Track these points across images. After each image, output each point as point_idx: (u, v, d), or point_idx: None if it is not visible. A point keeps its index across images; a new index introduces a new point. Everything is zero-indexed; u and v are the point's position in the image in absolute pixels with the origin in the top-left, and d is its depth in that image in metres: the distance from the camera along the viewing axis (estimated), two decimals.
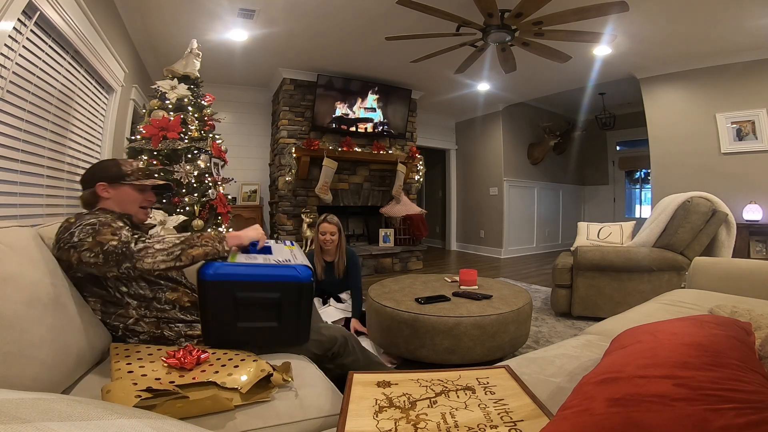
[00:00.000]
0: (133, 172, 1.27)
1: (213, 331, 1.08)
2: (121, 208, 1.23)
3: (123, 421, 0.38)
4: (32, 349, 0.78)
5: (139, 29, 3.42)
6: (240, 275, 1.06)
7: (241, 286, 1.06)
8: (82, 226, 1.03)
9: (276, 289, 1.09)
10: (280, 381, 0.92)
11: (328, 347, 1.30)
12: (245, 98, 5.24)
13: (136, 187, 1.25)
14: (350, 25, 3.46)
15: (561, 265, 2.97)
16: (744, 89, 3.84)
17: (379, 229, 5.23)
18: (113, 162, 1.28)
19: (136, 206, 1.27)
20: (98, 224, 1.03)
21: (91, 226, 1.03)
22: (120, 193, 1.23)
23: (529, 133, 6.42)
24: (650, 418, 0.46)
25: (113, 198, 1.22)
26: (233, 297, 1.05)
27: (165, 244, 1.01)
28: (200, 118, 2.59)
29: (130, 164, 1.28)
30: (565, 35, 2.95)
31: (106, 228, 1.02)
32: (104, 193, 1.21)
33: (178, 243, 1.02)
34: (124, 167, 1.26)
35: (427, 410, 0.75)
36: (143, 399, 0.75)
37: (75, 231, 1.02)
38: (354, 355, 1.37)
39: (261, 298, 1.07)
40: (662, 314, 1.36)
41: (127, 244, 0.98)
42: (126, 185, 1.24)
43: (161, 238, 1.03)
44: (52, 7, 1.91)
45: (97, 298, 1.09)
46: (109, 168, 1.25)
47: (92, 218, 1.06)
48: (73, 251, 1.00)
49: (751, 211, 3.75)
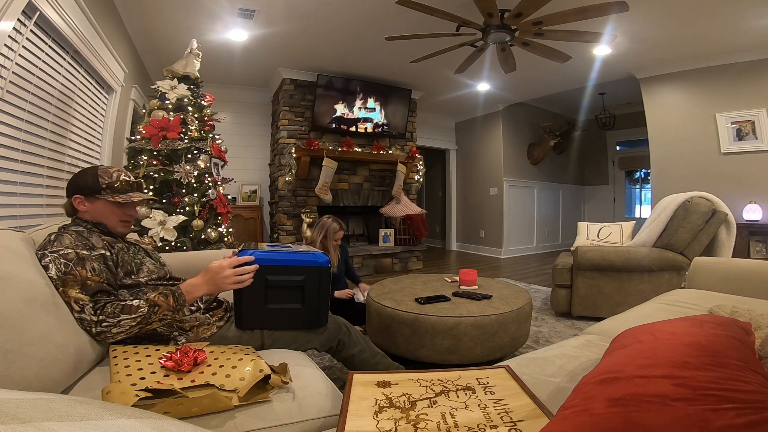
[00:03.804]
0: (110, 185, 1.21)
1: (246, 313, 1.21)
2: (98, 221, 1.21)
3: (123, 421, 0.38)
4: (31, 347, 0.78)
5: (139, 29, 3.42)
6: (272, 260, 1.20)
7: (271, 270, 1.19)
8: (57, 257, 1.03)
9: (300, 273, 1.23)
10: (279, 382, 0.91)
11: (333, 335, 1.37)
12: (245, 98, 5.24)
13: (111, 202, 1.21)
14: (350, 25, 3.47)
15: (561, 265, 2.97)
16: (744, 89, 3.84)
17: (379, 229, 5.24)
18: (92, 173, 1.21)
19: (114, 220, 1.23)
20: (72, 263, 1.03)
21: (65, 263, 1.03)
22: (96, 207, 1.20)
23: (529, 133, 6.42)
24: (650, 418, 0.46)
25: (89, 211, 1.20)
26: (265, 279, 1.18)
27: (121, 327, 1.02)
28: (200, 118, 2.60)
29: (110, 175, 1.22)
30: (565, 35, 2.95)
31: (74, 277, 1.02)
32: (80, 206, 1.19)
33: (135, 324, 1.04)
34: (102, 179, 1.20)
35: (427, 410, 0.75)
36: (142, 399, 0.75)
37: (50, 258, 1.03)
38: (360, 345, 1.44)
39: (288, 281, 1.21)
40: (662, 314, 1.36)
41: (89, 327, 1.00)
42: (101, 200, 1.20)
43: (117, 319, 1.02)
44: (52, 7, 1.91)
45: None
46: (86, 179, 1.20)
47: (68, 249, 1.05)
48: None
49: (751, 211, 3.75)
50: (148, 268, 1.24)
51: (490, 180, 6.31)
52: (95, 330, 1.01)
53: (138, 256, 1.26)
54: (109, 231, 1.23)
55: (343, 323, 1.43)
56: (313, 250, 1.34)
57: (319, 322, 1.32)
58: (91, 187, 1.19)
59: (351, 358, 1.42)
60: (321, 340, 1.35)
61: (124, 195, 1.23)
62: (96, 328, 1.01)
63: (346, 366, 1.47)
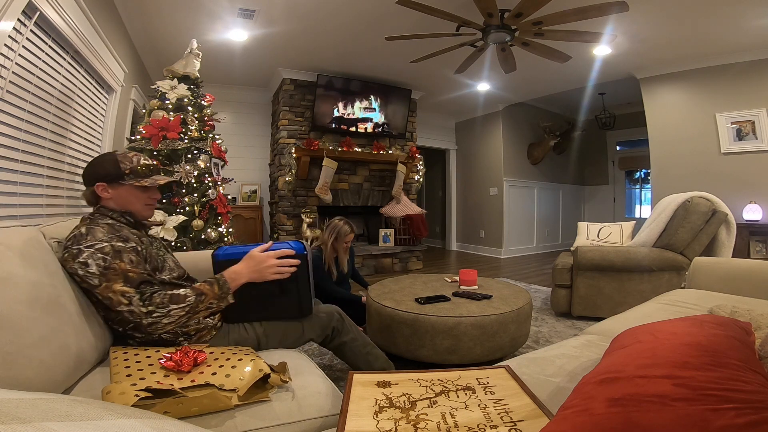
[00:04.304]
0: (133, 170, 1.20)
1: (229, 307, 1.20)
2: (121, 207, 1.20)
3: (123, 421, 0.38)
4: (32, 349, 0.78)
5: (139, 29, 3.42)
6: (244, 253, 1.22)
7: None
8: (94, 252, 1.02)
9: None
10: (278, 381, 0.92)
11: (327, 323, 1.37)
12: (245, 98, 5.24)
13: (135, 187, 1.21)
14: (350, 25, 3.47)
15: (561, 265, 2.97)
16: (744, 89, 3.84)
17: (379, 229, 5.23)
18: (112, 159, 1.19)
19: (139, 205, 1.23)
20: (110, 256, 1.03)
21: (103, 257, 1.02)
22: (120, 193, 1.18)
23: (529, 133, 6.42)
24: (650, 418, 0.46)
25: (113, 198, 1.19)
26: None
27: (171, 317, 1.04)
28: (200, 118, 2.60)
29: (129, 160, 1.21)
30: (565, 35, 2.95)
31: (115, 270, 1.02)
32: (104, 194, 1.17)
33: (183, 314, 1.06)
34: (122, 164, 1.19)
35: (427, 410, 0.75)
36: (142, 399, 0.75)
37: (87, 254, 1.01)
38: (352, 332, 1.44)
39: None
40: (662, 314, 1.36)
41: (139, 319, 1.01)
42: (125, 185, 1.19)
43: (167, 309, 1.03)
44: (52, 7, 1.91)
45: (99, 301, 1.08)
46: (106, 167, 1.18)
47: (103, 243, 1.04)
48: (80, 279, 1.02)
49: (751, 211, 3.75)
50: (169, 266, 1.25)
51: (490, 180, 6.31)
52: (146, 321, 1.01)
53: (161, 253, 1.25)
54: (135, 222, 1.23)
55: (337, 311, 1.43)
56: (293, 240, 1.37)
57: (302, 311, 1.31)
58: (113, 173, 1.18)
59: (342, 345, 1.42)
60: (316, 330, 1.35)
61: (149, 179, 1.23)
62: (146, 319, 1.01)
63: (337, 355, 1.47)
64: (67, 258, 1.03)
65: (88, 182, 1.19)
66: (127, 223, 1.20)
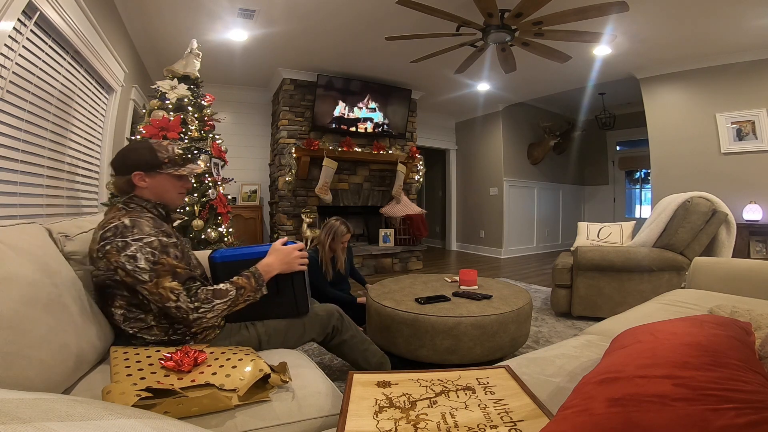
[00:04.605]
0: (170, 159, 1.19)
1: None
2: (157, 197, 1.19)
3: (123, 421, 0.38)
4: (32, 349, 0.78)
5: (139, 29, 3.42)
6: (238, 255, 1.26)
7: (241, 265, 1.22)
8: (143, 245, 1.02)
9: None
10: (278, 381, 0.92)
11: (327, 322, 1.38)
12: (245, 98, 5.24)
13: (173, 175, 1.20)
14: (350, 25, 3.47)
15: (561, 265, 2.97)
16: (744, 89, 3.84)
17: (379, 229, 5.23)
18: (148, 148, 1.17)
19: (174, 194, 1.22)
20: (158, 251, 1.03)
21: (151, 252, 1.02)
22: (157, 182, 1.17)
23: (529, 133, 6.42)
24: (650, 418, 0.46)
25: (150, 187, 1.17)
26: (238, 274, 1.19)
27: (215, 311, 1.08)
28: (200, 118, 2.60)
29: (165, 149, 1.20)
30: (565, 35, 2.95)
31: (164, 266, 1.03)
32: (141, 183, 1.15)
33: (225, 308, 1.10)
34: (160, 154, 1.17)
35: (427, 410, 0.75)
36: (143, 399, 0.75)
37: (135, 248, 1.01)
38: (351, 330, 1.45)
39: None
40: (662, 314, 1.36)
41: (186, 314, 1.04)
42: (163, 174, 1.18)
43: (211, 304, 1.06)
44: (52, 7, 1.91)
45: (124, 300, 1.08)
46: (143, 155, 1.16)
47: (151, 237, 1.04)
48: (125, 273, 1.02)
49: (751, 211, 3.75)
50: (193, 263, 1.25)
51: (490, 180, 6.31)
52: (192, 316, 1.04)
53: (187, 248, 1.26)
54: (167, 215, 1.23)
55: (336, 310, 1.44)
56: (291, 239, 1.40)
57: (298, 310, 1.33)
58: (151, 162, 1.16)
59: (342, 344, 1.43)
60: (317, 329, 1.36)
61: (186, 167, 1.23)
62: (193, 315, 1.04)
63: (336, 353, 1.48)
64: (110, 250, 1.01)
65: (124, 171, 1.16)
66: (158, 215, 1.19)
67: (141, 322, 1.09)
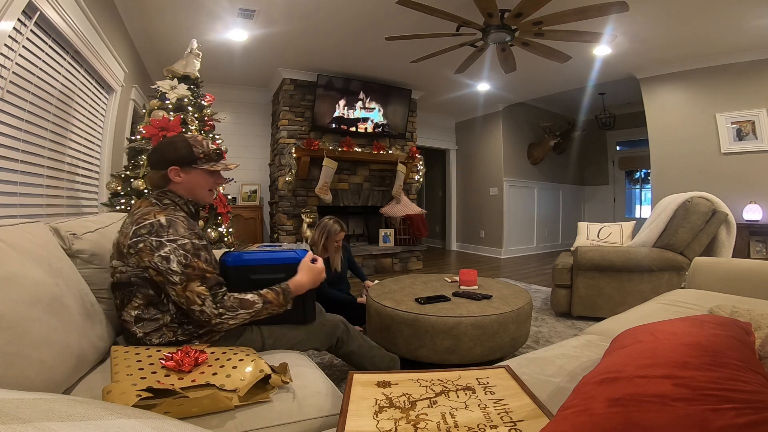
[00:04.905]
0: (206, 154, 1.19)
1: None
2: (189, 193, 1.19)
3: (123, 421, 0.38)
4: (33, 349, 0.78)
5: (139, 29, 3.42)
6: (252, 260, 1.26)
7: (253, 270, 1.24)
8: (176, 247, 1.02)
9: (281, 270, 1.26)
10: (279, 382, 0.91)
11: (332, 333, 1.38)
12: (245, 98, 5.24)
13: (207, 171, 1.19)
14: (350, 26, 3.47)
15: (561, 265, 2.97)
16: (744, 89, 3.84)
17: (379, 229, 5.23)
18: (185, 143, 1.18)
19: (205, 190, 1.22)
20: (190, 254, 1.04)
21: (184, 255, 1.03)
22: (191, 177, 1.18)
23: (529, 133, 6.42)
24: (650, 418, 0.46)
25: (184, 183, 1.17)
26: (249, 279, 1.20)
27: (237, 319, 1.08)
28: (200, 118, 2.60)
29: (201, 145, 1.20)
30: (565, 35, 2.95)
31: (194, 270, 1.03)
32: (176, 178, 1.16)
33: (248, 318, 1.10)
34: (195, 149, 1.17)
35: (427, 410, 0.75)
36: (143, 399, 0.75)
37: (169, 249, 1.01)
38: (358, 341, 1.45)
39: (269, 279, 1.22)
40: (662, 314, 1.36)
41: (209, 319, 1.05)
42: (198, 169, 1.18)
43: (236, 312, 1.07)
44: (52, 7, 1.91)
45: (144, 299, 1.07)
46: (180, 150, 1.16)
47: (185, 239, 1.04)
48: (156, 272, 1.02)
49: (751, 211, 3.75)
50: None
51: (490, 180, 6.31)
52: (214, 321, 1.05)
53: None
54: (196, 213, 1.23)
55: (341, 321, 1.44)
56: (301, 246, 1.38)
57: (306, 318, 1.32)
58: (187, 157, 1.16)
59: (350, 354, 1.43)
60: (320, 339, 1.36)
61: (218, 162, 1.23)
62: (215, 320, 1.04)
63: (345, 361, 1.49)
64: (143, 248, 1.02)
65: (161, 165, 1.16)
66: (188, 213, 1.19)
67: (155, 322, 1.08)
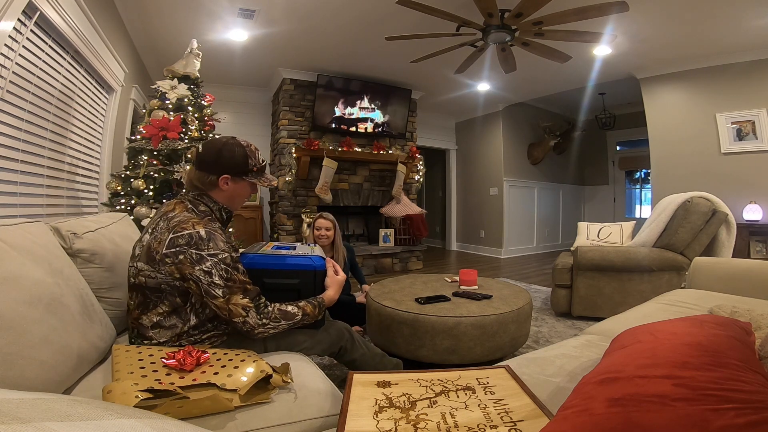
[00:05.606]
0: (259, 168, 1.19)
1: None
2: (228, 201, 1.18)
3: (123, 421, 0.38)
4: (33, 350, 0.78)
5: (139, 29, 3.42)
6: (267, 264, 1.25)
7: (267, 274, 1.23)
8: (218, 262, 1.01)
9: (295, 276, 1.26)
10: (280, 382, 0.91)
11: (336, 341, 1.37)
12: (245, 98, 5.24)
13: (251, 183, 1.18)
14: (350, 26, 3.46)
15: (561, 265, 2.97)
16: (744, 89, 3.84)
17: (379, 229, 5.23)
18: (242, 153, 1.15)
19: (241, 201, 1.22)
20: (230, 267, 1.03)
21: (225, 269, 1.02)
22: (238, 187, 1.17)
23: (529, 133, 6.42)
24: (650, 418, 0.46)
25: (228, 192, 1.16)
26: (262, 283, 1.18)
27: (278, 329, 1.11)
28: (200, 118, 2.60)
29: (255, 157, 1.18)
30: (565, 35, 2.95)
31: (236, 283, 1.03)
32: (224, 186, 1.14)
33: (287, 328, 1.12)
34: (251, 161, 1.16)
35: (427, 410, 0.75)
36: (143, 399, 0.75)
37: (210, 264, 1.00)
38: (361, 349, 1.45)
39: (283, 283, 1.24)
40: (662, 314, 1.36)
41: (252, 329, 1.06)
42: (246, 181, 1.17)
43: (278, 323, 1.09)
44: (52, 7, 1.91)
45: (171, 305, 1.06)
46: (238, 159, 1.14)
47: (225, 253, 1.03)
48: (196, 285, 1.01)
49: (751, 211, 3.75)
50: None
51: (490, 180, 6.31)
52: (257, 331, 1.06)
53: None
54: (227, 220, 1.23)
55: (345, 328, 1.43)
56: (315, 252, 1.37)
57: (316, 324, 1.32)
58: (242, 168, 1.15)
59: (354, 361, 1.43)
60: (323, 346, 1.35)
61: (264, 177, 1.23)
62: (258, 330, 1.06)
63: (349, 369, 1.48)
64: (184, 260, 1.00)
65: (214, 170, 1.13)
66: (220, 219, 1.19)
67: (170, 330, 1.07)
